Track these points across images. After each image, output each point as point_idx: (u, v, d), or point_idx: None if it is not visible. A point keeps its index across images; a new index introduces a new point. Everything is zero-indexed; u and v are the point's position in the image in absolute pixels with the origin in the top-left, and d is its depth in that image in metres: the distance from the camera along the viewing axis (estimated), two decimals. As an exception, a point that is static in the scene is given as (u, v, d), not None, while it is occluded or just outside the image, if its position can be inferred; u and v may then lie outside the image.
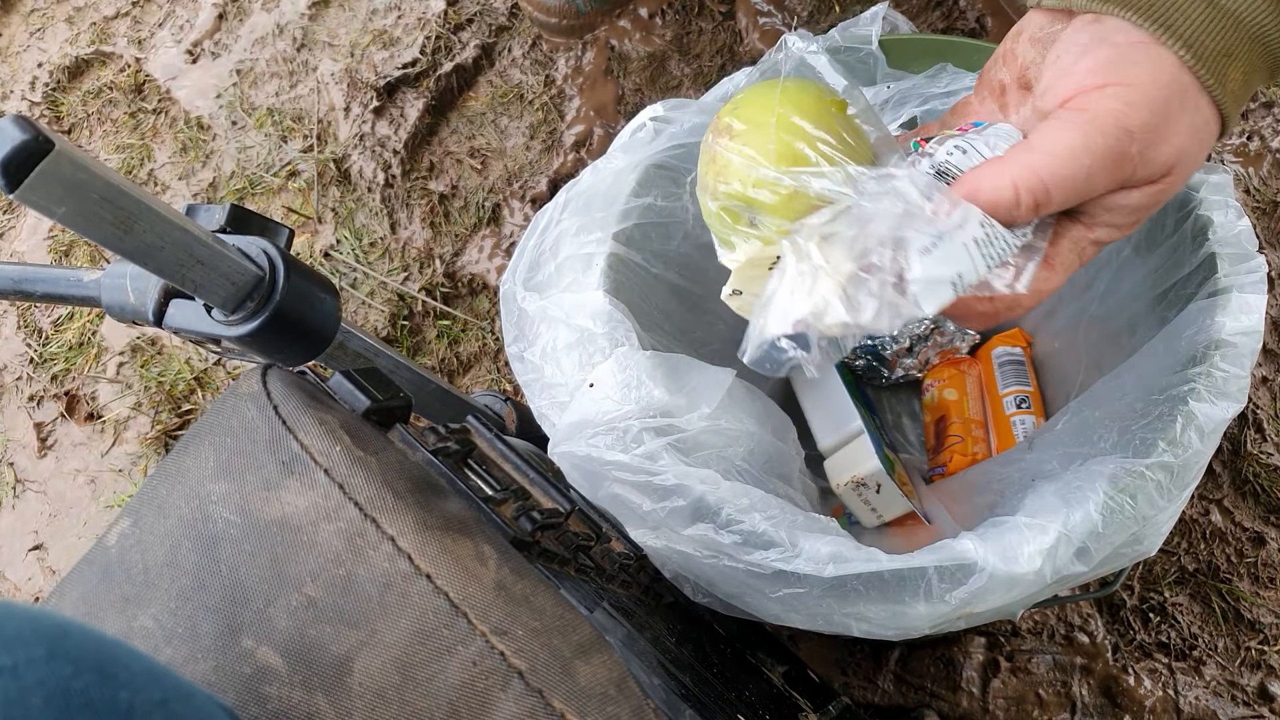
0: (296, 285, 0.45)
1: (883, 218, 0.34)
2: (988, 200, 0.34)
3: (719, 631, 0.55)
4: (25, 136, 0.32)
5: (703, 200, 0.40)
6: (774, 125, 0.37)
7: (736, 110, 0.39)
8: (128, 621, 0.33)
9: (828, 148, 0.36)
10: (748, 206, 0.37)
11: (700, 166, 0.40)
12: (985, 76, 0.42)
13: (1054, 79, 0.35)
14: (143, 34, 1.15)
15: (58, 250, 1.07)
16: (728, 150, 0.38)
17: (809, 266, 0.34)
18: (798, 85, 0.39)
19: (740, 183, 0.37)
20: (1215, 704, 0.72)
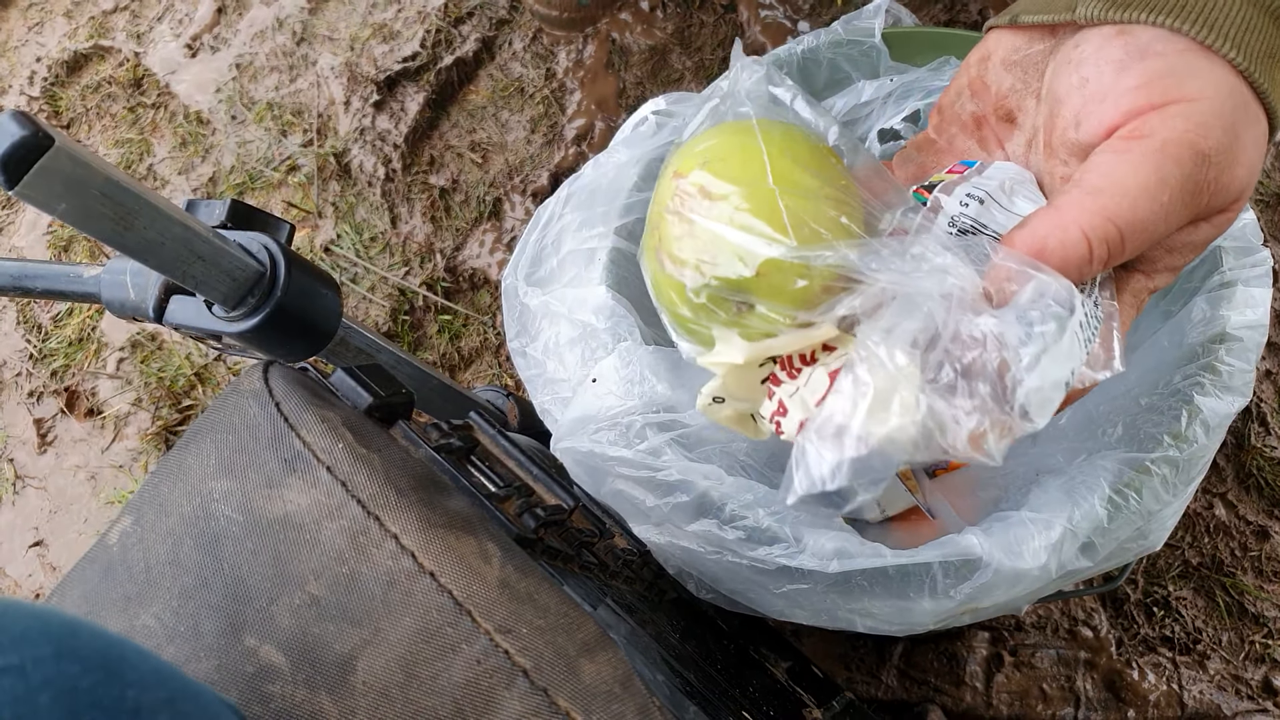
0: (297, 281, 0.44)
1: (941, 301, 0.27)
2: (1058, 260, 0.28)
3: (722, 627, 0.54)
4: (24, 132, 0.32)
5: (665, 282, 0.32)
6: (772, 184, 0.29)
7: (709, 165, 0.31)
8: (130, 620, 0.33)
9: (845, 211, 0.30)
10: (738, 291, 0.30)
11: (657, 237, 0.32)
12: (948, 111, 0.37)
13: (1086, 105, 0.30)
14: (141, 28, 1.15)
15: (57, 245, 1.07)
16: (712, 219, 0.30)
17: (882, 375, 0.27)
18: (782, 130, 0.32)
19: (739, 262, 0.29)
20: (1219, 698, 0.72)
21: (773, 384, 0.32)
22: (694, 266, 0.30)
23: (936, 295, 0.27)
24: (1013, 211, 0.33)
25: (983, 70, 0.35)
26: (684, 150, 0.33)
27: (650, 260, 0.33)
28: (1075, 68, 0.31)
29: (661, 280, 0.32)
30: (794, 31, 0.94)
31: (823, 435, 0.27)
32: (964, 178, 0.34)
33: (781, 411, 0.32)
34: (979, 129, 0.36)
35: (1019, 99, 0.34)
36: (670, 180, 0.32)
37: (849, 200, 0.30)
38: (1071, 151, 0.31)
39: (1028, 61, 0.34)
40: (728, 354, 0.31)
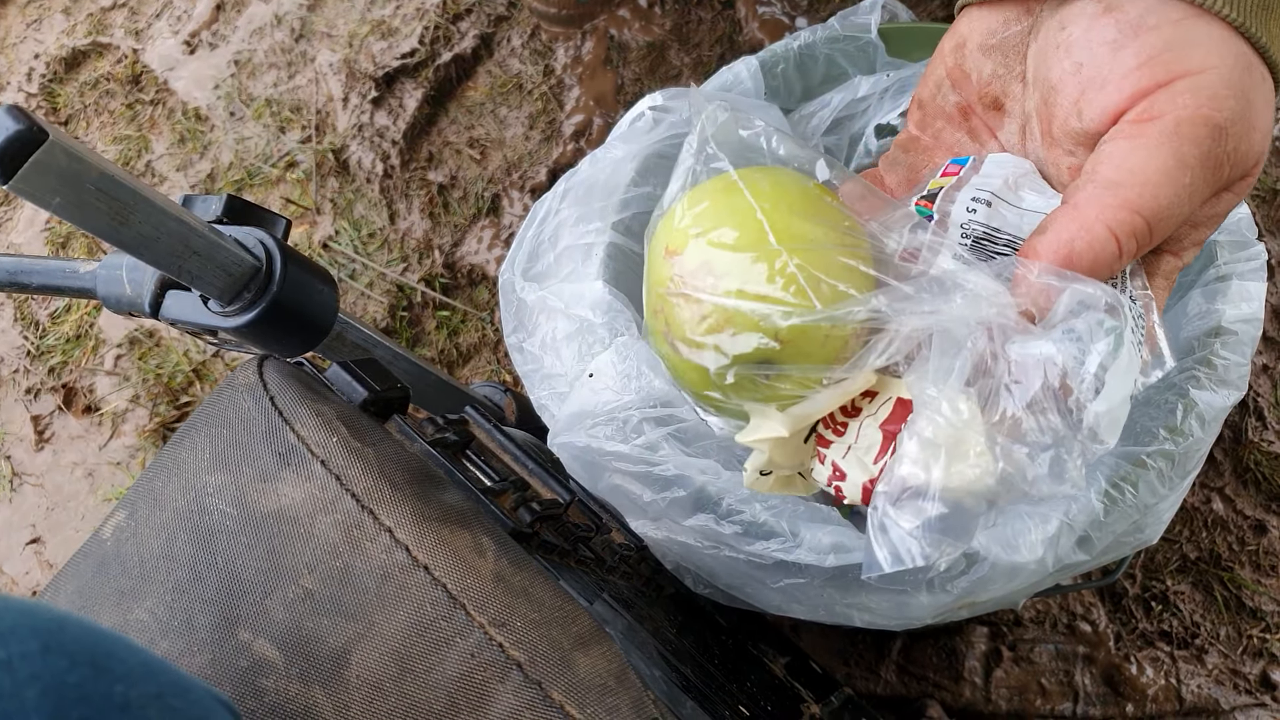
0: (294, 276, 0.44)
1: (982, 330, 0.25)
2: (1088, 263, 0.26)
3: (720, 623, 0.54)
4: (19, 126, 0.32)
5: (684, 366, 0.30)
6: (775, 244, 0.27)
7: (704, 235, 0.29)
8: (123, 614, 0.32)
9: (855, 255, 0.28)
10: (764, 364, 0.28)
11: (664, 321, 0.30)
12: (929, 104, 0.35)
13: (1085, 92, 0.29)
14: (140, 25, 1.15)
15: (54, 242, 1.07)
16: (721, 295, 0.28)
17: (945, 427, 0.25)
18: (769, 179, 0.30)
19: (762, 336, 0.27)
20: (1217, 692, 0.72)
21: (820, 445, 0.31)
22: (713, 349, 0.28)
23: (974, 324, 0.25)
24: (1023, 208, 0.31)
25: (959, 58, 0.34)
26: (669, 223, 0.30)
27: (661, 345, 0.30)
28: (1065, 52, 0.29)
29: (679, 365, 0.30)
30: (791, 27, 0.94)
31: (898, 504, 0.25)
32: (962, 179, 0.32)
33: (839, 475, 0.30)
34: (966, 120, 0.35)
35: (1003, 84, 0.33)
36: (664, 260, 0.29)
37: (855, 239, 0.28)
38: (1077, 141, 0.30)
39: (1006, 44, 0.32)
40: (769, 429, 0.29)
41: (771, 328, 0.27)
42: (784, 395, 0.29)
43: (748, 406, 0.30)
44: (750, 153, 0.32)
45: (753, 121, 0.32)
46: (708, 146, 0.31)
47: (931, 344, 0.26)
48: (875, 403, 0.30)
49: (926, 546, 0.25)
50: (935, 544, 0.25)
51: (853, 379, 0.28)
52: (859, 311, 0.27)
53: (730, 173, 0.30)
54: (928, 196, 0.33)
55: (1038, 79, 0.31)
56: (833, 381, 0.28)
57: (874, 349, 0.27)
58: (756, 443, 0.30)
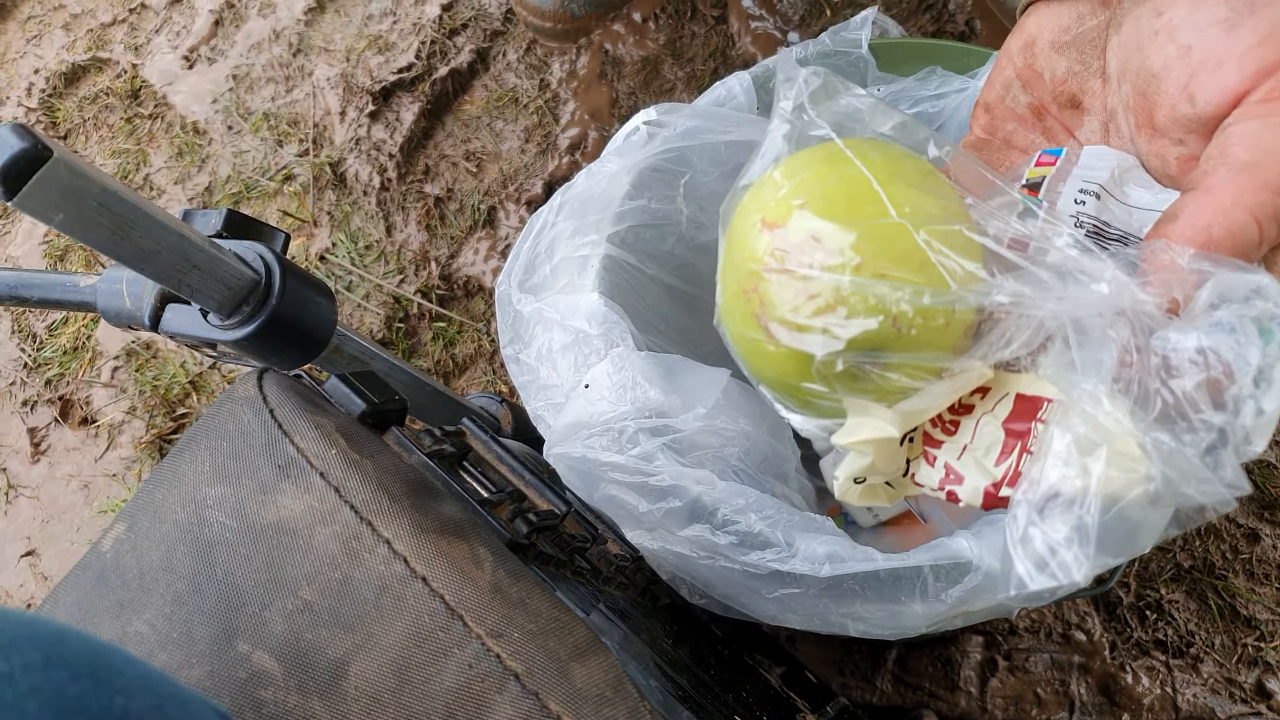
0: (292, 289, 0.45)
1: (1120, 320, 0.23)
2: (1229, 249, 0.25)
3: (716, 633, 0.55)
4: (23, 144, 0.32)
5: (778, 355, 0.26)
6: (896, 217, 0.24)
7: (810, 206, 0.25)
8: (122, 626, 0.33)
9: (983, 236, 0.25)
10: (877, 351, 0.25)
11: (756, 302, 0.26)
12: (998, 107, 0.34)
13: (1197, 75, 0.27)
14: (139, 40, 1.15)
15: (53, 255, 1.07)
16: (836, 271, 0.24)
17: (1099, 426, 0.22)
18: (879, 150, 0.27)
19: (881, 318, 0.24)
20: (1213, 701, 0.72)
21: (929, 445, 0.28)
22: (821, 331, 0.25)
23: (1110, 314, 0.23)
24: (1129, 204, 0.29)
25: (1029, 57, 0.32)
26: (762, 193, 0.27)
27: (746, 329, 0.27)
28: (1168, 37, 0.27)
29: (769, 354, 0.27)
30: (784, 42, 0.95)
31: (1046, 511, 0.22)
32: (1061, 169, 0.30)
33: (954, 479, 0.27)
34: (1040, 120, 0.33)
35: (1080, 81, 0.31)
36: (758, 232, 0.26)
37: (969, 218, 0.26)
38: (1188, 128, 0.28)
39: (1082, 40, 0.31)
40: (875, 428, 0.26)
41: (893, 309, 0.24)
42: (892, 388, 0.26)
43: (848, 402, 0.27)
44: (851, 123, 0.29)
45: (850, 89, 0.29)
46: (805, 113, 0.28)
47: (1069, 335, 0.24)
48: (990, 399, 0.27)
49: (1083, 559, 0.22)
50: (1094, 556, 0.22)
51: (971, 371, 0.25)
52: (996, 294, 0.24)
53: (835, 140, 0.27)
54: (1030, 185, 0.31)
55: (1129, 70, 0.29)
56: (951, 374, 0.25)
57: (1000, 338, 0.24)
58: (859, 445, 0.27)
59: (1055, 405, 0.24)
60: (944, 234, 0.24)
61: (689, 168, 0.56)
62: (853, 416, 0.27)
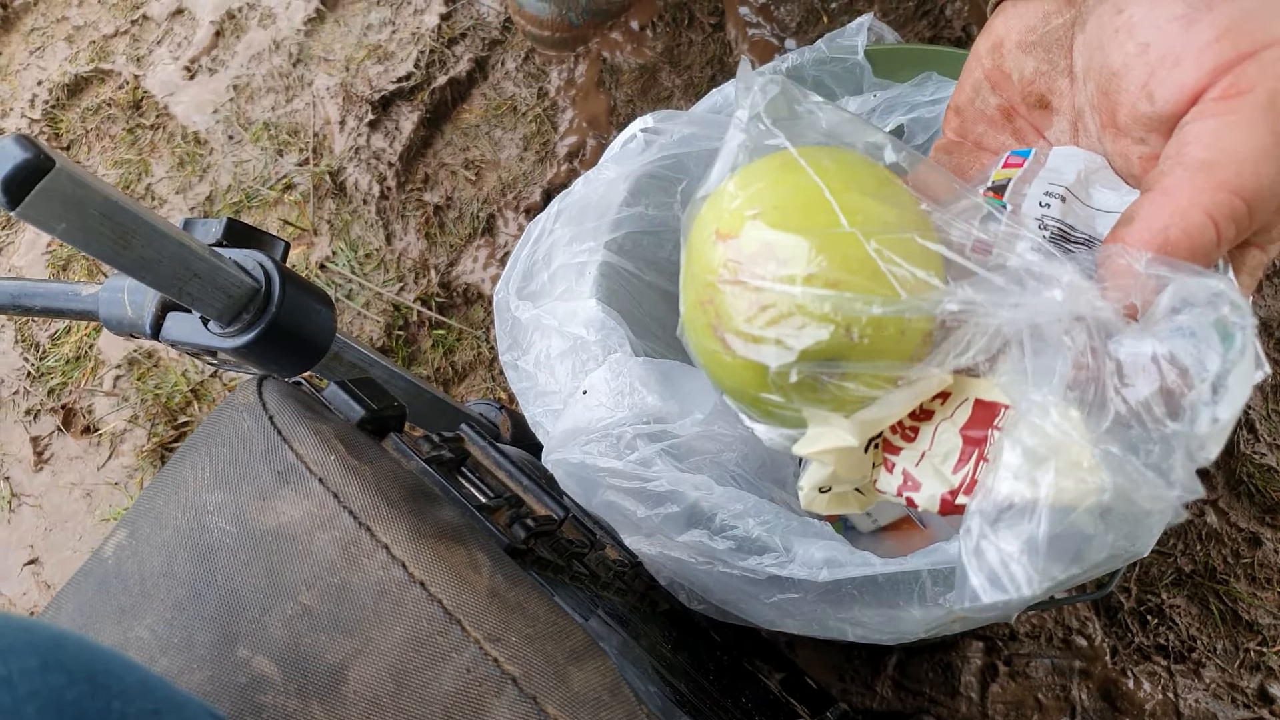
0: (292, 297, 0.45)
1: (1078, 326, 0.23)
2: (1186, 251, 0.24)
3: (715, 638, 0.55)
4: (26, 155, 0.33)
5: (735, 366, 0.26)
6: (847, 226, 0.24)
7: (763, 216, 0.25)
8: (124, 632, 0.33)
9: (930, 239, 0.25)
10: (833, 361, 0.25)
11: (713, 314, 0.26)
12: (968, 109, 0.33)
13: (1155, 73, 0.26)
14: (141, 51, 1.16)
15: (56, 264, 1.08)
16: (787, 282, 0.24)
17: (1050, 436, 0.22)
18: (833, 157, 0.27)
19: (834, 328, 0.24)
20: (1215, 706, 0.72)
21: (888, 452, 0.28)
22: (775, 342, 0.25)
23: (1071, 319, 0.23)
24: (1094, 207, 0.29)
25: (997, 59, 0.32)
26: (718, 203, 0.27)
27: (706, 340, 0.27)
28: (1128, 35, 0.27)
29: (728, 364, 0.26)
30: (781, 49, 0.96)
31: (998, 524, 0.22)
32: (1028, 170, 0.30)
33: (912, 485, 0.27)
34: (1009, 121, 0.33)
35: (1048, 81, 0.31)
36: (714, 244, 0.26)
37: (927, 225, 0.26)
38: (1149, 127, 0.27)
39: (1049, 39, 0.31)
40: (834, 437, 0.26)
41: (845, 319, 0.24)
42: (849, 398, 0.25)
43: (807, 412, 0.26)
44: (805, 132, 0.29)
45: (808, 96, 0.29)
46: (760, 122, 0.28)
47: (1024, 341, 0.23)
48: (949, 405, 0.27)
49: (1034, 572, 0.22)
50: (1044, 569, 0.22)
51: (929, 379, 0.25)
52: (948, 302, 0.24)
53: (789, 149, 0.27)
54: (995, 188, 0.30)
55: (1092, 69, 0.29)
56: (909, 382, 0.25)
57: (956, 345, 0.24)
58: (820, 455, 0.27)
59: (1010, 412, 0.24)
60: (897, 242, 0.24)
61: (686, 174, 0.56)
62: (813, 426, 0.27)
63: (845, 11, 0.96)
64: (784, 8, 0.97)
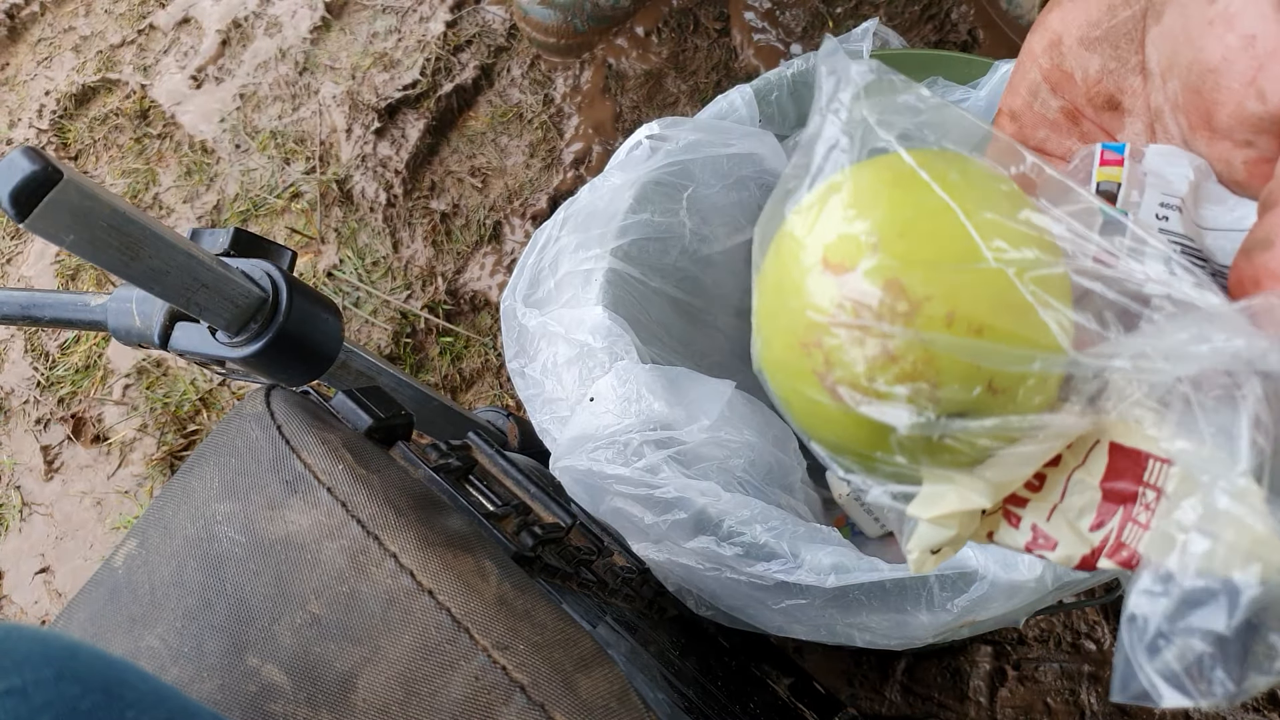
0: (299, 306, 0.45)
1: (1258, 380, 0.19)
2: None
3: (723, 644, 0.55)
4: (34, 167, 0.33)
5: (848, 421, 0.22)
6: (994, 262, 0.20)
7: (886, 246, 0.21)
8: (135, 641, 0.33)
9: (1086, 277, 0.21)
10: (966, 418, 0.21)
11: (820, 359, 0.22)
12: (1026, 114, 0.31)
13: (1262, 66, 0.24)
14: (148, 61, 1.17)
15: (64, 275, 1.08)
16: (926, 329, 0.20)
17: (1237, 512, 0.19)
18: (957, 167, 0.23)
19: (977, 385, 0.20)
20: (1226, 710, 0.71)
21: (1011, 504, 0.24)
22: (909, 400, 0.21)
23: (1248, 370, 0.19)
24: (1203, 226, 0.26)
25: (1057, 57, 0.30)
26: (819, 221, 0.23)
27: (805, 388, 0.23)
28: (1226, 26, 0.24)
29: (835, 417, 0.22)
30: (786, 54, 0.96)
31: (1178, 620, 0.19)
32: (1131, 173, 0.26)
33: (1044, 543, 0.24)
34: (1075, 124, 0.30)
35: (1117, 80, 0.29)
36: (820, 275, 0.22)
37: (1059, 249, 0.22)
38: (1257, 128, 0.25)
39: (1116, 34, 0.28)
40: (961, 500, 0.22)
41: (989, 373, 0.20)
42: (975, 453, 0.22)
43: (927, 470, 0.23)
44: (914, 131, 0.24)
45: (910, 86, 0.24)
46: (868, 117, 0.23)
47: (1190, 395, 0.20)
48: (1079, 449, 0.23)
49: (1229, 683, 0.19)
50: (1238, 677, 0.19)
51: (1070, 429, 0.22)
52: (1117, 360, 0.20)
53: (904, 156, 0.22)
54: (1104, 193, 0.27)
55: (1177, 64, 0.27)
56: (1048, 433, 0.21)
57: (1110, 393, 0.21)
58: (942, 519, 0.23)
59: (1171, 472, 0.21)
60: (1049, 278, 0.21)
61: (692, 181, 0.56)
62: (930, 484, 0.23)
63: (850, 16, 0.96)
64: (789, 13, 0.97)
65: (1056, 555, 0.24)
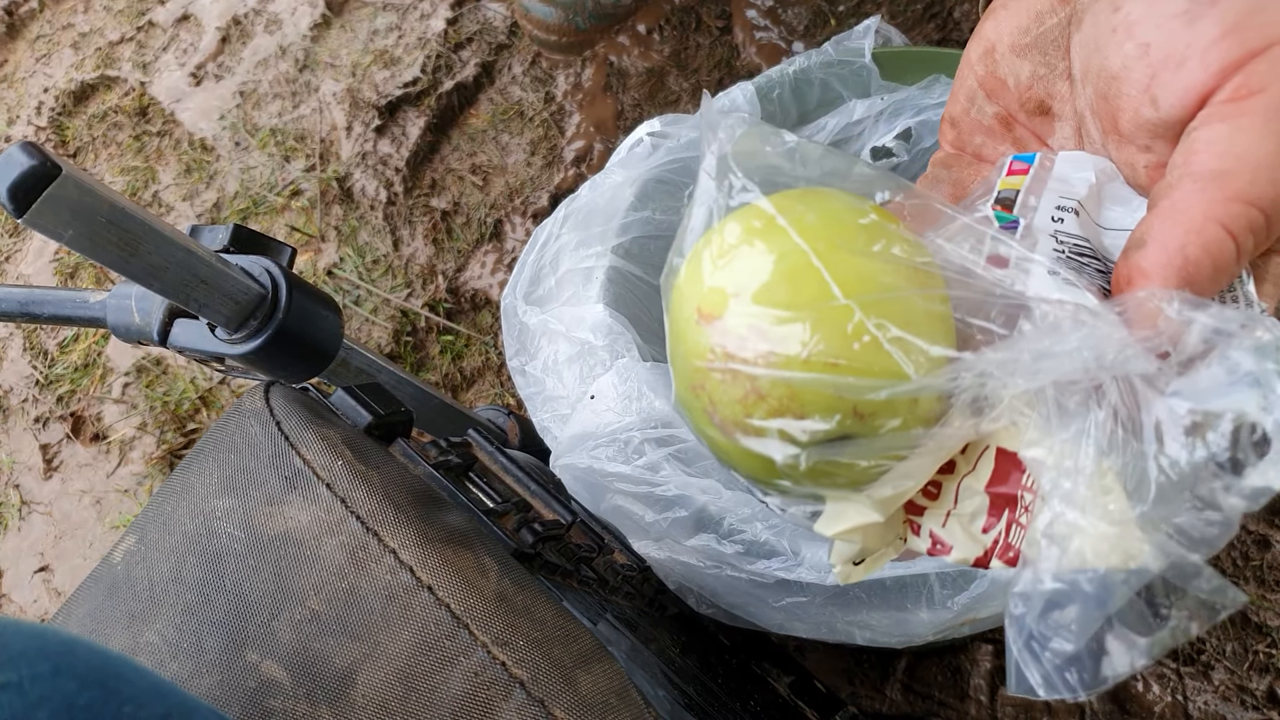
0: (299, 303, 0.45)
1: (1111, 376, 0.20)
2: (1209, 270, 0.22)
3: (724, 642, 0.55)
4: (33, 162, 0.33)
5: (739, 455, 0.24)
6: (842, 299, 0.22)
7: (747, 291, 0.23)
8: (134, 637, 0.33)
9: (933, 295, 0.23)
10: (841, 442, 0.23)
11: (707, 400, 0.24)
12: (963, 120, 0.32)
13: (1158, 75, 0.25)
14: (147, 58, 1.17)
15: (63, 272, 1.08)
16: (785, 369, 0.22)
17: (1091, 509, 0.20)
18: (816, 209, 0.24)
19: (839, 415, 0.22)
20: (1224, 709, 0.71)
21: (911, 513, 0.26)
22: (778, 434, 0.23)
23: (1101, 371, 0.20)
24: (1104, 226, 0.27)
25: (990, 65, 0.30)
26: (695, 274, 0.24)
27: (703, 426, 0.25)
28: (1126, 34, 0.25)
29: (733, 453, 0.24)
30: (788, 52, 0.96)
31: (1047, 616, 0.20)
32: (1035, 179, 0.27)
33: (941, 548, 0.25)
34: (1009, 130, 0.31)
35: (1047, 85, 0.29)
36: (696, 325, 0.24)
37: (932, 277, 0.23)
38: (1154, 134, 0.26)
39: (1044, 41, 0.29)
40: (857, 515, 0.24)
41: (851, 403, 0.22)
42: (866, 472, 0.23)
43: (823, 492, 0.25)
44: (782, 174, 0.26)
45: (781, 136, 0.26)
46: (730, 173, 0.25)
47: (1049, 400, 0.21)
48: (970, 455, 0.25)
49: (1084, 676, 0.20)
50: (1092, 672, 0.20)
51: (949, 440, 0.23)
52: (964, 378, 0.21)
53: (764, 205, 0.24)
54: (1002, 200, 0.28)
55: (1090, 72, 0.27)
56: (927, 446, 0.23)
57: (976, 407, 0.22)
58: (845, 534, 0.25)
59: (1040, 473, 0.22)
60: (898, 309, 0.22)
61: (693, 178, 0.56)
62: (831, 504, 0.25)
63: (853, 14, 0.96)
64: (791, 11, 0.97)
65: (953, 557, 0.25)
